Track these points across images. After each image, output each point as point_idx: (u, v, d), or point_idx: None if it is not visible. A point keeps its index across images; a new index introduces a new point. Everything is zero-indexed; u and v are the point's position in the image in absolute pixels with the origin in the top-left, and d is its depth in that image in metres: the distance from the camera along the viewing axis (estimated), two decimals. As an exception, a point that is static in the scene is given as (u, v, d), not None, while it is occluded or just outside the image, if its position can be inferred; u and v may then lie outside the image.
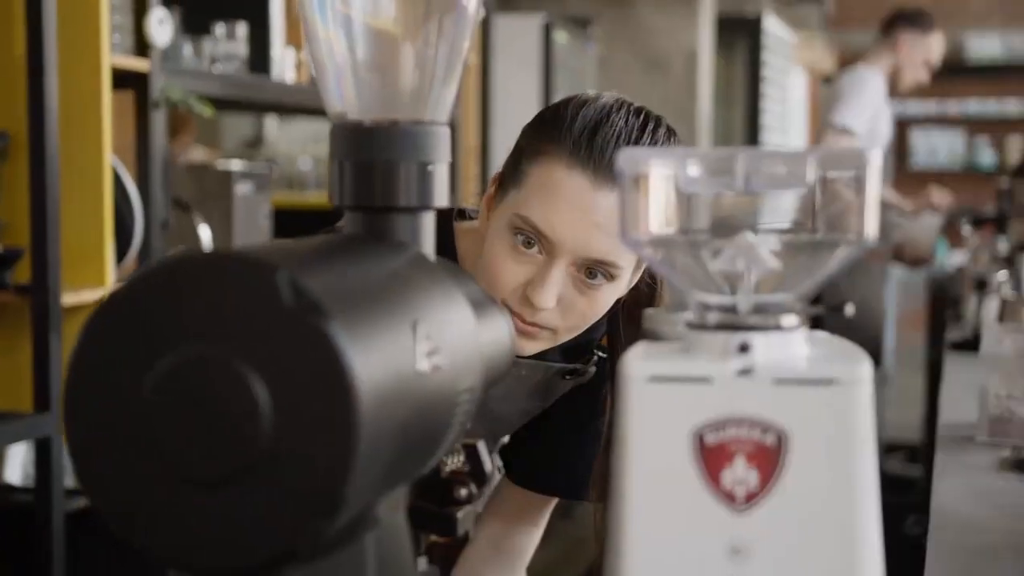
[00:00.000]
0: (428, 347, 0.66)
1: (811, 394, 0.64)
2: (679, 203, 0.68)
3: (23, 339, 2.27)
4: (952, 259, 6.69)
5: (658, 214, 0.68)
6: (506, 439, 1.49)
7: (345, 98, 0.76)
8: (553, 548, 3.09)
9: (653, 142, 1.26)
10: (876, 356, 4.39)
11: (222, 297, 0.58)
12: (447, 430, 0.70)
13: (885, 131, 4.48)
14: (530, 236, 1.23)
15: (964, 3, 9.92)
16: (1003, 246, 3.86)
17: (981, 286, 3.05)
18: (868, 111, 4.32)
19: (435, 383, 0.66)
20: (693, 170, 0.67)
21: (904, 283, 5.70)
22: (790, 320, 0.67)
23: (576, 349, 1.39)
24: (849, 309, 0.68)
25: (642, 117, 1.26)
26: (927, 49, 4.38)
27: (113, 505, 0.60)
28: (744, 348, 0.65)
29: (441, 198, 0.76)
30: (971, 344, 2.71)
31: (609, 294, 1.26)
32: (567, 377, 1.40)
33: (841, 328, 0.69)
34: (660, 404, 0.65)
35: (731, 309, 0.68)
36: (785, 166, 0.66)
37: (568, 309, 1.25)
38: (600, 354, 1.42)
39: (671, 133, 1.29)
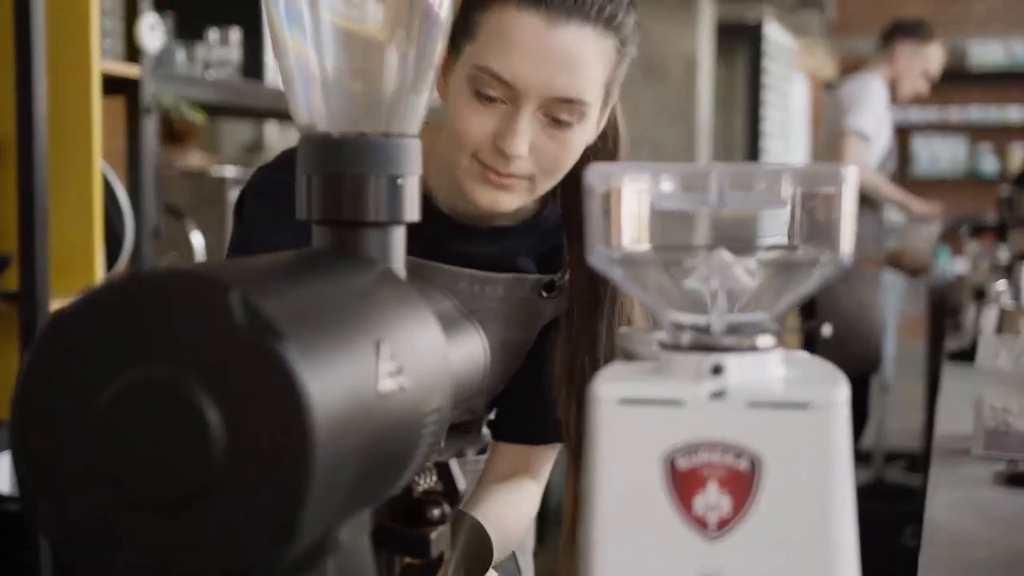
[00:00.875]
0: (392, 367, 0.64)
1: (785, 418, 0.62)
2: (652, 219, 0.66)
3: (11, 347, 2.25)
4: (953, 266, 6.67)
5: (629, 231, 0.66)
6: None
7: (313, 109, 0.75)
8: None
9: None
10: (872, 362, 4.35)
11: (175, 317, 0.56)
12: (414, 451, 0.68)
13: (888, 136, 4.48)
14: (491, 86, 1.20)
15: (966, 10, 9.90)
16: (1004, 255, 3.84)
17: (980, 296, 3.03)
18: (876, 117, 4.31)
19: (399, 404, 0.64)
20: (666, 186, 0.65)
21: (905, 290, 5.67)
22: (765, 340, 0.65)
23: (548, 260, 1.37)
24: (826, 330, 0.66)
25: None
26: (925, 59, 4.37)
27: (62, 528, 0.58)
28: (717, 370, 0.64)
29: (412, 212, 0.75)
30: (970, 354, 2.68)
31: (579, 135, 1.24)
32: (544, 295, 1.36)
33: (837, 335, 0.67)
34: (631, 427, 0.63)
35: (705, 329, 0.66)
36: (760, 183, 0.64)
37: (541, 155, 1.22)
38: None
39: None
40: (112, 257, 2.44)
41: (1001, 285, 2.86)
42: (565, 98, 1.20)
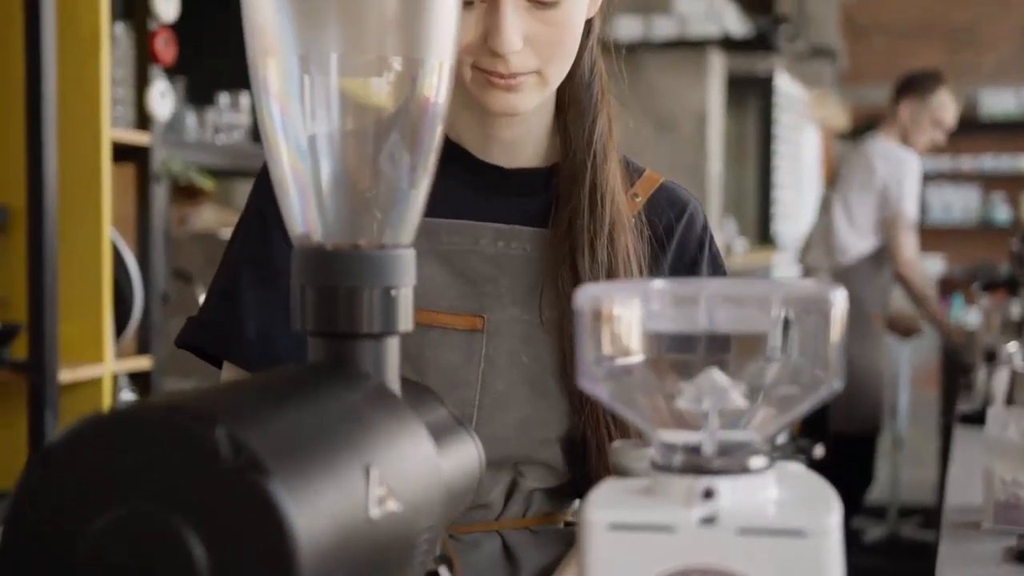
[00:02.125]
0: (382, 491, 0.63)
1: (778, 545, 0.62)
2: (641, 339, 0.66)
3: (19, 417, 2.26)
4: (966, 316, 6.64)
5: (619, 351, 0.65)
6: None
7: (307, 220, 0.75)
8: None
9: None
10: (875, 418, 4.31)
11: (161, 452, 0.56)
12: (406, 571, 0.68)
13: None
14: None
15: (977, 60, 9.93)
16: (1016, 309, 3.83)
17: (991, 357, 3.01)
18: (917, 196, 4.35)
19: (390, 528, 0.64)
20: (656, 307, 0.65)
21: (918, 342, 5.64)
22: (757, 462, 0.65)
23: None
24: (818, 451, 0.66)
25: None
26: (931, 111, 4.37)
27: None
28: (709, 494, 0.63)
29: (406, 322, 0.75)
30: (981, 417, 2.67)
31: (573, 9, 1.15)
32: None
33: (844, 393, 0.66)
34: (621, 552, 0.63)
35: (696, 449, 0.65)
36: (749, 305, 0.64)
37: (539, 43, 1.14)
38: None
39: None
40: (121, 325, 2.44)
41: (1013, 347, 2.84)
42: None
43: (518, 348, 1.20)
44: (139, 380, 2.60)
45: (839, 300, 0.63)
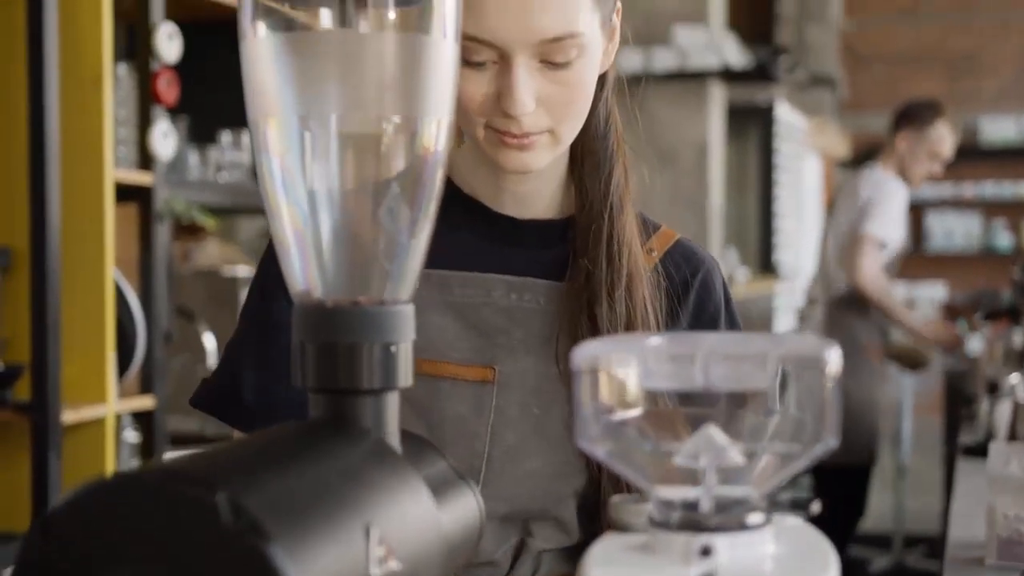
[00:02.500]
0: (382, 551, 0.64)
1: (775, 602, 0.62)
2: (638, 396, 0.66)
3: (22, 458, 2.26)
4: (969, 342, 6.63)
5: (616, 408, 0.66)
6: None
7: (308, 278, 0.75)
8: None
9: None
10: (870, 450, 4.28)
11: (161, 518, 0.57)
12: (406, 628, 0.68)
13: (902, 236, 4.48)
14: (475, 51, 1.11)
15: (977, 87, 9.96)
16: (1018, 338, 3.83)
17: (993, 389, 3.01)
18: (893, 221, 4.32)
19: (390, 587, 0.64)
20: (653, 365, 0.66)
21: (917, 376, 5.63)
22: (755, 518, 0.65)
23: None
24: (815, 507, 0.66)
25: None
26: (929, 143, 4.38)
27: None
28: (706, 551, 0.64)
29: (406, 377, 0.75)
30: (984, 449, 2.67)
31: (586, 69, 1.14)
32: None
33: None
34: (620, 611, 0.63)
35: (693, 506, 0.66)
36: (745, 362, 0.64)
37: (551, 103, 1.13)
38: None
39: None
40: (124, 365, 2.45)
41: (1015, 378, 2.84)
42: (552, 38, 1.10)
43: (529, 400, 1.19)
44: (142, 419, 2.61)
45: (834, 358, 0.63)
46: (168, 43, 2.54)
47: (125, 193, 2.51)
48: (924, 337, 4.53)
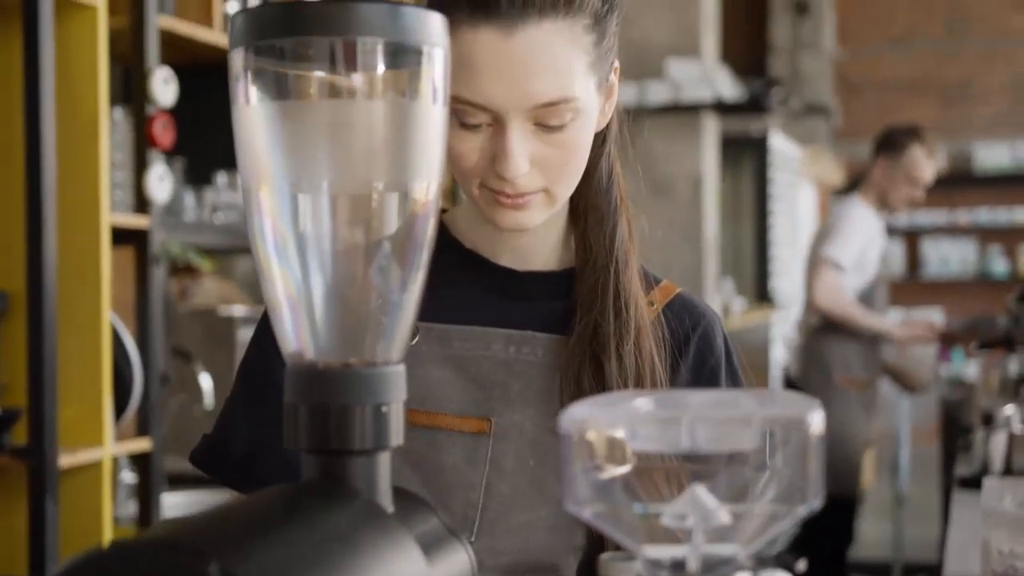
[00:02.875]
0: (374, 614, 0.65)
1: (761, 662, 0.63)
2: (625, 459, 0.67)
3: (19, 502, 2.26)
4: (966, 369, 6.63)
5: (604, 471, 0.67)
6: None
7: (300, 339, 0.76)
8: None
9: None
10: (850, 483, 4.26)
11: (155, 588, 0.58)
12: None
13: (875, 260, 4.43)
14: (470, 114, 1.12)
15: (970, 114, 10.01)
16: (1013, 367, 3.83)
17: (988, 420, 3.02)
18: (857, 244, 4.31)
19: (382, 649, 0.65)
20: (640, 428, 0.67)
21: (918, 398, 5.64)
22: (741, 577, 0.66)
23: None
24: (801, 566, 0.67)
25: None
26: (904, 168, 4.39)
27: None
28: (694, 611, 0.65)
29: (397, 437, 0.76)
30: (979, 481, 2.67)
31: (581, 131, 1.15)
32: None
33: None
34: (609, 671, 0.64)
35: (680, 565, 0.67)
36: (730, 426, 0.66)
37: (546, 165, 1.14)
38: None
39: None
40: (120, 407, 2.46)
41: (1010, 409, 2.85)
42: (547, 103, 1.11)
43: (526, 452, 1.20)
44: (139, 461, 2.61)
45: (816, 421, 0.65)
46: (164, 87, 2.56)
47: (121, 236, 2.53)
48: (899, 337, 4.50)
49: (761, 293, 6.95)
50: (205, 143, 2.81)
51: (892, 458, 5.41)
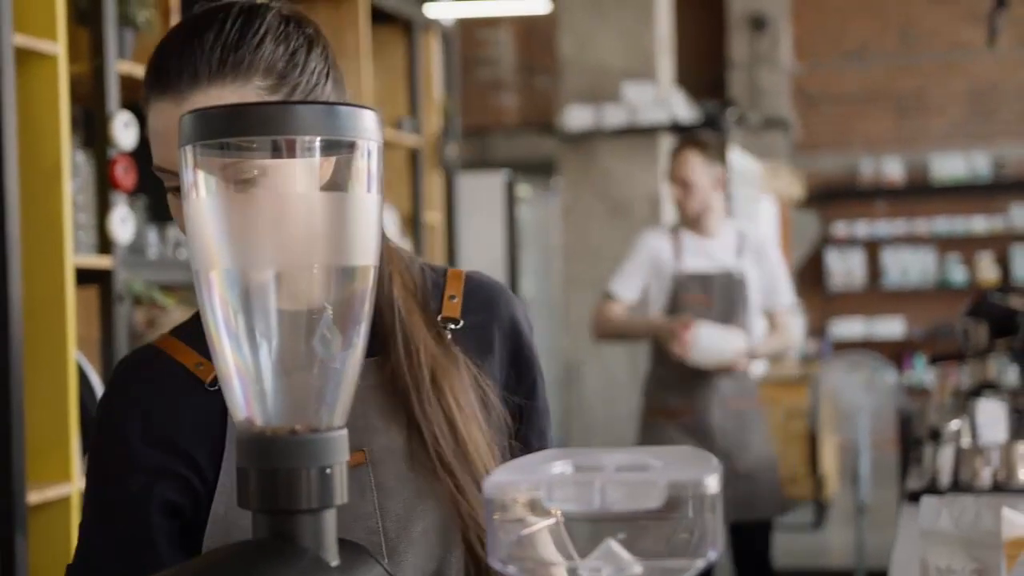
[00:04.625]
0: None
1: None
2: (543, 518, 0.74)
3: (-12, 541, 2.31)
4: (927, 376, 6.70)
5: (524, 530, 0.74)
6: None
7: (249, 407, 0.83)
8: None
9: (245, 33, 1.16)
10: (782, 506, 4.28)
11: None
12: None
13: (664, 289, 4.18)
14: (167, 178, 1.17)
15: (926, 125, 10.17)
16: (965, 379, 3.91)
17: (935, 436, 3.09)
18: (640, 276, 4.16)
19: None
20: (556, 491, 0.74)
21: (876, 405, 5.70)
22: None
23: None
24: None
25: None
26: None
27: None
28: (607, 655, 0.71)
29: (341, 495, 0.83)
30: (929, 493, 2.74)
31: (271, 189, 1.11)
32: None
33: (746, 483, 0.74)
34: None
35: (599, 615, 0.74)
36: (638, 486, 0.73)
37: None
38: None
39: (286, 22, 1.19)
40: (88, 443, 2.51)
41: (956, 424, 2.92)
42: (226, 164, 1.13)
43: (403, 467, 1.25)
44: (107, 495, 2.65)
45: (712, 483, 0.72)
46: (124, 131, 2.62)
47: (86, 276, 2.58)
48: (658, 327, 4.12)
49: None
50: (167, 181, 2.87)
51: (852, 466, 5.49)
